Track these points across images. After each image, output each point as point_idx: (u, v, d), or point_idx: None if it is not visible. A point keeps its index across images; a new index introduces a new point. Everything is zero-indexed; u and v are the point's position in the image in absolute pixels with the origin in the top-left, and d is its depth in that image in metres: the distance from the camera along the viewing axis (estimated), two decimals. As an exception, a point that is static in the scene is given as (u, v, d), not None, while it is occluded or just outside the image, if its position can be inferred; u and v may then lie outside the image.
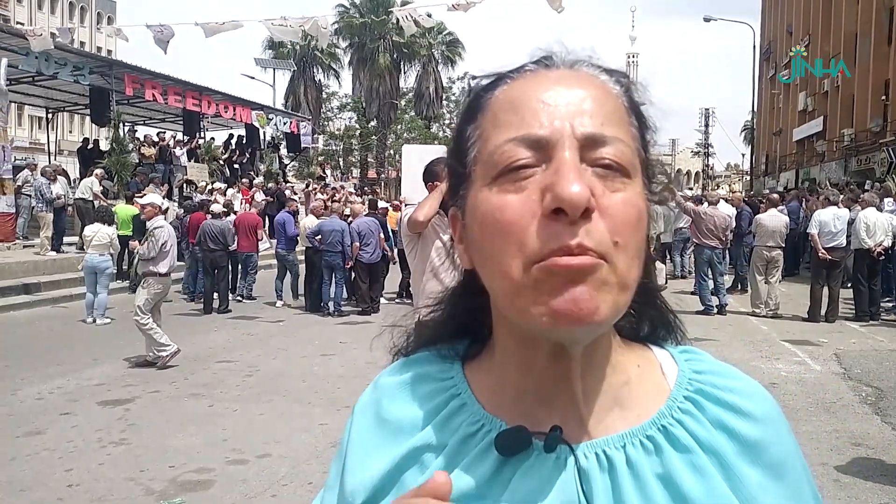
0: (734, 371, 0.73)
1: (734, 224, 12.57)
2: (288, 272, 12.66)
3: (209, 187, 17.99)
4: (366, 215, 12.19)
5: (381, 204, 14.55)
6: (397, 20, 14.22)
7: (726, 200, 14.19)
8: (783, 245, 11.09)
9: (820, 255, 10.39)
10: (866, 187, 16.42)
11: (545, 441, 0.65)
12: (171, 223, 13.83)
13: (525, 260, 0.59)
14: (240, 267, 12.99)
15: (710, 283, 11.18)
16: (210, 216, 12.00)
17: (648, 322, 0.76)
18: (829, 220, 10.44)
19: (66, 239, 14.79)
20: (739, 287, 13.60)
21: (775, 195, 13.16)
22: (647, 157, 0.68)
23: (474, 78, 0.72)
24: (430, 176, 4.20)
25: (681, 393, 0.70)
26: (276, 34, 15.50)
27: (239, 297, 12.70)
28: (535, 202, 0.60)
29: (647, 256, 0.65)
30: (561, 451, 0.65)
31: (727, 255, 12.32)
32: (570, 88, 0.64)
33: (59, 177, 14.91)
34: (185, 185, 19.52)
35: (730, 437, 0.67)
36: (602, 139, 0.61)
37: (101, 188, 15.89)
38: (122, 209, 13.58)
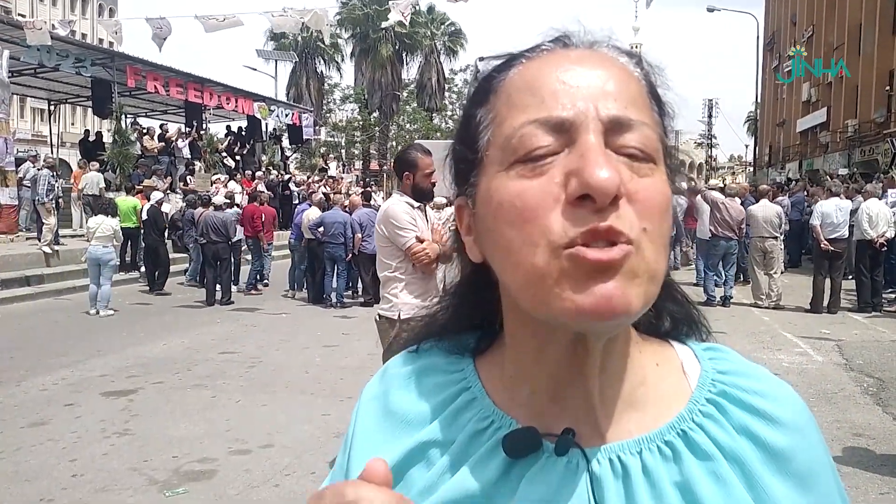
0: (762, 372, 0.69)
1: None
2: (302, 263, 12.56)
3: (211, 178, 18.02)
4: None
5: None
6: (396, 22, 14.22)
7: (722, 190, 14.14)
8: (777, 235, 11.06)
9: (822, 246, 10.38)
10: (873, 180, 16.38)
11: (556, 444, 0.62)
12: (173, 215, 14.02)
13: (550, 246, 0.55)
14: (240, 257, 13.44)
15: (715, 276, 11.17)
16: (212, 208, 12.03)
17: (669, 317, 0.72)
18: (831, 212, 10.42)
19: (62, 231, 14.84)
20: (742, 278, 13.59)
21: (765, 186, 13.14)
22: (668, 144, 0.64)
23: (483, 59, 0.67)
24: (404, 166, 3.88)
25: (703, 395, 0.65)
26: (277, 25, 15.44)
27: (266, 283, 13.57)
28: (558, 186, 0.56)
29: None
30: (572, 456, 0.62)
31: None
32: (591, 69, 0.59)
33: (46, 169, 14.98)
34: (188, 178, 19.53)
35: (755, 444, 0.63)
36: (628, 123, 0.57)
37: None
38: (124, 201, 13.60)
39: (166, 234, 13.39)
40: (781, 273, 11.27)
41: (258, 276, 13.41)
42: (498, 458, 0.63)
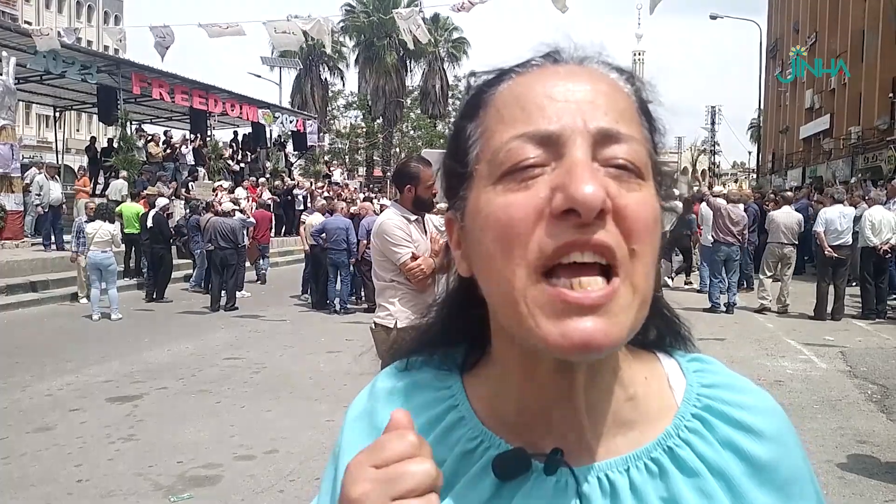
0: (744, 384, 0.70)
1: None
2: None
3: (213, 185, 18.11)
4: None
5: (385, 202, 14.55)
6: (400, 29, 14.29)
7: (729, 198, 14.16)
8: (796, 242, 11.10)
9: (826, 252, 10.39)
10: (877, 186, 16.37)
11: (545, 463, 0.62)
12: (178, 221, 14.05)
13: (530, 268, 0.55)
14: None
15: (720, 282, 11.17)
16: (220, 214, 12.06)
17: (655, 330, 0.72)
18: (834, 219, 10.43)
19: (66, 236, 14.92)
20: (745, 284, 13.57)
21: (789, 193, 13.17)
22: (658, 160, 0.64)
23: (474, 75, 0.68)
24: (405, 178, 3.80)
25: (688, 410, 0.67)
26: (278, 42, 15.43)
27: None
28: (543, 201, 0.55)
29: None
30: (561, 475, 0.62)
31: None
32: (580, 83, 0.60)
33: (56, 176, 15.16)
34: (190, 184, 19.62)
35: (738, 458, 0.64)
36: (616, 136, 0.57)
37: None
38: (128, 207, 13.64)
39: (171, 240, 13.33)
40: (790, 279, 11.30)
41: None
42: (488, 478, 0.64)
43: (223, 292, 11.65)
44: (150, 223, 12.62)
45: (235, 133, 25.69)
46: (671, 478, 0.63)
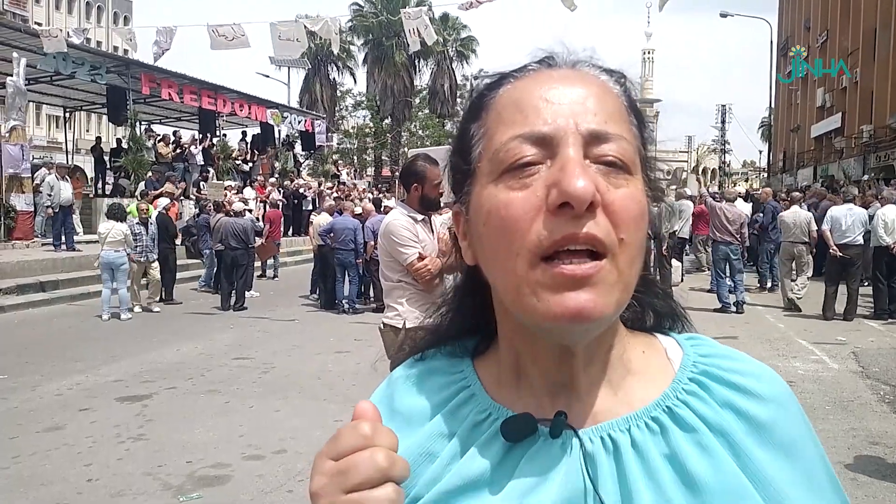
0: (741, 354, 0.74)
1: (749, 219, 12.53)
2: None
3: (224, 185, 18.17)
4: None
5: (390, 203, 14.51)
6: (408, 31, 14.19)
7: (745, 197, 14.14)
8: (807, 241, 11.05)
9: (831, 251, 10.33)
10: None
11: (550, 426, 0.67)
12: (187, 221, 14.09)
13: (530, 256, 0.60)
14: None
15: (728, 281, 11.16)
16: (232, 214, 12.07)
17: (652, 312, 0.77)
18: (840, 217, 10.37)
19: (86, 237, 15.01)
20: (759, 284, 13.50)
21: (797, 193, 13.13)
22: (647, 155, 0.69)
23: (477, 77, 0.75)
24: (412, 177, 3.79)
25: (685, 375, 0.70)
26: (281, 50, 15.29)
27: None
28: (540, 199, 0.61)
29: (647, 250, 0.67)
30: (566, 436, 0.67)
31: (744, 252, 12.24)
32: (572, 87, 0.65)
33: (66, 177, 15.23)
34: (201, 184, 19.68)
35: (738, 417, 0.67)
36: (605, 136, 0.63)
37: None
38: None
39: (178, 240, 13.30)
40: (808, 278, 11.27)
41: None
42: (497, 444, 0.68)
43: (232, 292, 11.67)
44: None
45: (244, 133, 25.76)
46: (671, 434, 0.66)
